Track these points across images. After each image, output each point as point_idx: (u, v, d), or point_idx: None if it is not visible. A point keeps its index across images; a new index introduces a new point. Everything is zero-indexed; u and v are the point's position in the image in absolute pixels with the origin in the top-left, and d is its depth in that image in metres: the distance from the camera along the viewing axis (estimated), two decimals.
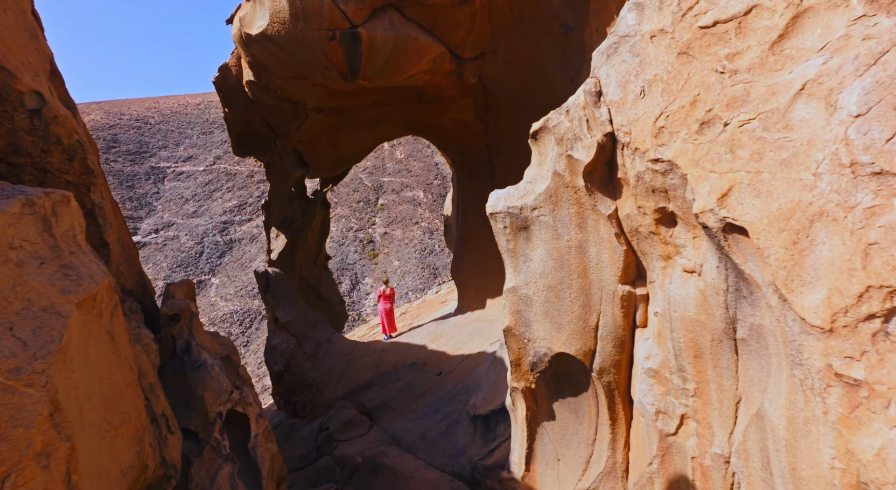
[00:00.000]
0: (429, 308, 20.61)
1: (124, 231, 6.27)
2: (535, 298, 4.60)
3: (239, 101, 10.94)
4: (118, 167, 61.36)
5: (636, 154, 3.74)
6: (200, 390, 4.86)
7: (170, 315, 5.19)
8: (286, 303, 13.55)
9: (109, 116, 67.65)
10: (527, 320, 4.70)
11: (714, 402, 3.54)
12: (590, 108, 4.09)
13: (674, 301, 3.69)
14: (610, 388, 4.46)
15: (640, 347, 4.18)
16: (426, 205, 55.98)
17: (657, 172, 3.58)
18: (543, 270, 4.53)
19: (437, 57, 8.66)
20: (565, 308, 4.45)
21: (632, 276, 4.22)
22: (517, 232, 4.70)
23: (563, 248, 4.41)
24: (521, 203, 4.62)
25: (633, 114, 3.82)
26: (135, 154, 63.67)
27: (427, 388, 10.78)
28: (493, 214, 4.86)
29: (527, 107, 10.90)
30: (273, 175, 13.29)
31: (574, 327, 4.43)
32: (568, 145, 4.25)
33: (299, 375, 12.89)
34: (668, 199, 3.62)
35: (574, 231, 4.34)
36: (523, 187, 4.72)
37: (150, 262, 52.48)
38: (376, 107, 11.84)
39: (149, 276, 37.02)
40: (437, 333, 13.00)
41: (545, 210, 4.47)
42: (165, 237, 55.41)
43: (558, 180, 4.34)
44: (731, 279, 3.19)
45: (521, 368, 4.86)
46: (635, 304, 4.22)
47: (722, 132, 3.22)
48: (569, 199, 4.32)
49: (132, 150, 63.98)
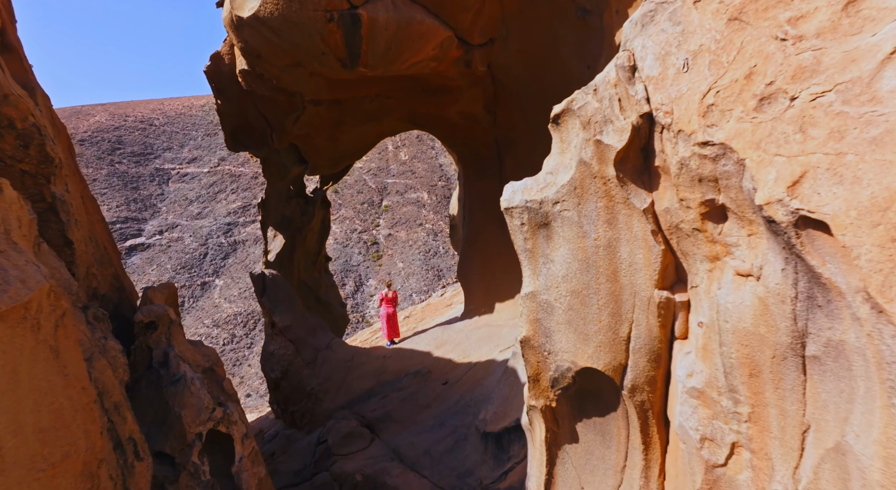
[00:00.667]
0: (434, 311, 20.15)
1: (100, 229, 5.82)
2: (557, 305, 4.12)
3: (232, 92, 10.52)
4: (123, 169, 61.86)
5: (679, 137, 3.26)
6: (178, 408, 4.41)
7: (145, 323, 4.74)
8: (284, 306, 13.13)
9: (114, 118, 68.12)
10: (547, 330, 4.22)
11: (774, 429, 3.05)
12: (622, 85, 3.61)
13: (724, 310, 3.20)
14: (643, 409, 3.97)
15: (679, 363, 3.69)
16: (430, 206, 55.96)
17: (706, 158, 3.09)
18: (567, 273, 4.05)
19: (444, 42, 8.20)
20: (592, 316, 3.97)
21: (670, 280, 3.74)
22: (536, 229, 4.23)
23: (589, 247, 3.93)
24: (541, 196, 4.15)
25: (675, 90, 3.34)
26: (139, 156, 64.15)
27: (432, 399, 10.31)
28: (508, 210, 4.39)
29: (539, 98, 10.43)
30: (270, 172, 12.87)
31: (602, 339, 3.95)
32: (596, 129, 3.77)
33: (297, 383, 12.45)
34: (719, 190, 3.13)
35: (603, 228, 3.86)
36: (543, 179, 4.25)
37: (155, 263, 52.75)
38: (378, 99, 11.39)
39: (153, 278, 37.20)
40: (443, 339, 12.54)
41: (569, 204, 3.99)
42: (170, 239, 55.78)
43: (584, 170, 3.86)
44: (801, 284, 2.70)
45: (539, 384, 4.38)
46: (674, 312, 3.73)
47: (788, 108, 2.74)
48: (596, 191, 3.84)
49: (137, 151, 64.46)
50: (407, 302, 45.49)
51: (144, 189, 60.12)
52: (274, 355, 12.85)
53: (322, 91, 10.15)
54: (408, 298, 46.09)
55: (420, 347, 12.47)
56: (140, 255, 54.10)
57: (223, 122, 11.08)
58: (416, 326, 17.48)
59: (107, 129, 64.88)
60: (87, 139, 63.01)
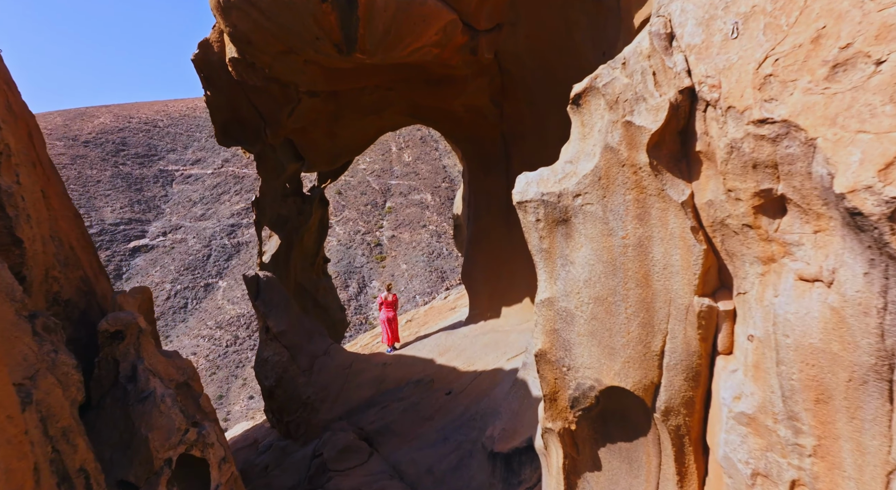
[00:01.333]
0: (437, 315, 19.68)
1: (68, 228, 5.36)
2: (579, 314, 3.65)
3: (222, 82, 10.08)
4: (127, 170, 62.49)
5: (729, 115, 2.78)
6: (145, 430, 3.95)
7: (111, 332, 4.28)
8: (279, 310, 12.68)
9: (119, 119, 68.77)
10: (566, 343, 3.75)
11: (847, 467, 2.56)
12: (658, 56, 3.14)
13: (783, 321, 2.72)
14: (678, 434, 3.49)
15: (723, 382, 3.21)
16: (434, 208, 56.01)
17: (763, 139, 2.62)
18: (589, 277, 3.57)
19: (448, 26, 7.74)
20: (619, 327, 3.49)
21: (712, 285, 3.26)
22: (554, 226, 3.76)
23: (616, 247, 3.45)
24: (560, 188, 3.68)
25: (722, 60, 2.87)
26: (143, 157, 64.88)
27: (435, 410, 9.85)
28: (521, 204, 3.92)
29: (549, 89, 9.96)
30: (265, 168, 12.43)
31: (631, 353, 3.47)
32: (625, 109, 3.29)
33: (292, 392, 12.00)
34: (778, 177, 2.66)
35: (632, 225, 3.38)
36: (562, 168, 3.77)
37: (158, 264, 53.21)
38: (378, 91, 10.94)
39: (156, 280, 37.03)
40: (447, 345, 12.07)
41: (592, 197, 3.52)
42: (173, 240, 56.32)
43: (611, 157, 3.39)
44: (892, 293, 2.22)
45: (557, 404, 3.91)
46: (716, 322, 3.26)
47: (874, 74, 2.26)
48: (625, 181, 3.37)
49: (141, 153, 65.19)
50: (410, 304, 45.33)
51: (148, 190, 60.72)
52: (268, 362, 12.40)
53: (318, 81, 9.70)
54: (411, 300, 45.96)
55: (422, 354, 12.00)
56: (144, 257, 54.50)
57: (213, 115, 10.64)
58: (418, 331, 17.03)
59: (111, 130, 65.51)
60: (91, 141, 63.59)
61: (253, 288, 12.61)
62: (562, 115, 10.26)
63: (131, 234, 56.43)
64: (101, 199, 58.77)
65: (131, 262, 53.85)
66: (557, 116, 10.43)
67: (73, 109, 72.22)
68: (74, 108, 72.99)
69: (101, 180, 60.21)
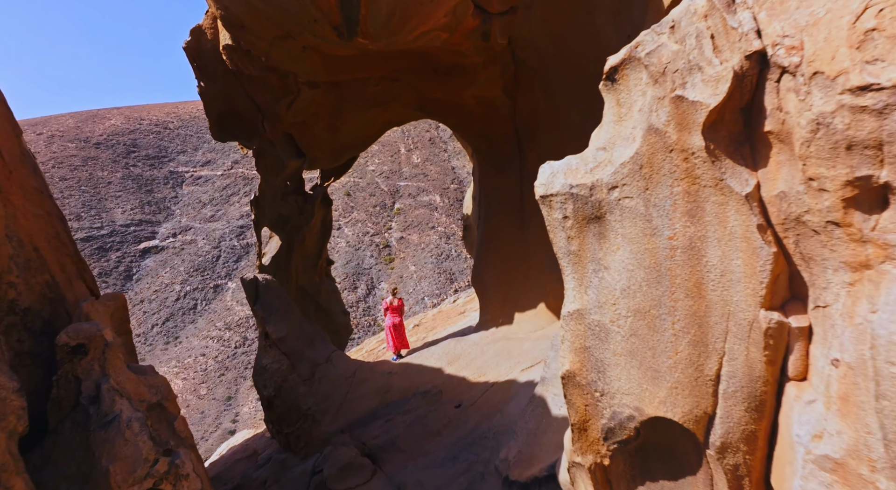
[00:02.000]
0: (445, 319, 19.15)
1: (33, 226, 4.90)
2: (615, 329, 3.12)
3: (217, 72, 9.63)
4: (137, 171, 63.54)
5: (815, 83, 2.24)
6: (106, 461, 3.46)
7: (71, 346, 3.80)
8: (278, 315, 12.22)
9: (130, 121, 70.00)
10: (600, 363, 3.21)
11: None
12: (717, 14, 2.61)
13: (886, 344, 2.18)
14: (736, 475, 2.95)
15: (797, 416, 2.67)
16: (443, 209, 56.08)
17: (864, 111, 2.08)
18: (628, 285, 3.04)
19: (458, 7, 7.23)
20: (665, 346, 2.96)
21: (781, 296, 2.72)
22: (585, 225, 3.23)
23: (661, 249, 2.92)
24: (592, 180, 3.15)
25: (804, 15, 2.33)
26: (154, 159, 66.00)
27: (443, 425, 9.33)
28: (546, 198, 3.39)
29: (567, 78, 9.43)
30: (264, 166, 11.98)
31: (679, 377, 2.94)
32: (675, 81, 2.76)
33: (292, 402, 11.53)
34: (882, 161, 2.12)
35: (682, 223, 2.85)
36: (593, 156, 3.25)
37: (168, 265, 53.96)
38: (383, 82, 10.44)
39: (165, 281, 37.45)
40: (456, 353, 11.54)
41: (632, 189, 2.99)
42: (183, 241, 57.09)
43: (655, 141, 2.86)
44: None
45: (587, 435, 3.37)
46: (787, 342, 2.71)
47: None
48: (673, 170, 2.83)
49: (151, 154, 66.34)
50: (419, 306, 45.13)
51: (158, 192, 61.63)
52: (267, 370, 11.93)
53: (318, 70, 9.22)
54: (419, 302, 45.78)
55: (430, 363, 11.48)
56: (153, 258, 55.20)
57: (207, 107, 10.18)
58: (426, 336, 16.53)
59: (122, 132, 66.56)
60: (102, 142, 64.64)
61: (251, 292, 12.15)
62: (581, 108, 9.73)
63: (141, 236, 57.40)
64: (111, 201, 59.75)
65: (141, 264, 54.54)
66: (576, 109, 9.88)
67: (85, 111, 73.44)
68: (86, 109, 74.37)
69: (111, 182, 61.19)
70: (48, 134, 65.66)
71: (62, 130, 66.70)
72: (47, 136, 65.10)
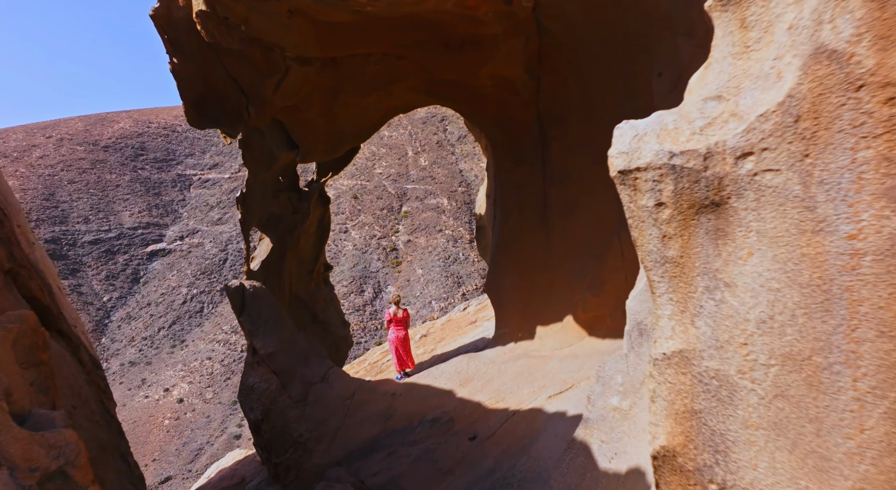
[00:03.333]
0: (455, 329, 17.51)
1: None
2: (747, 386, 1.52)
3: (192, 46, 8.07)
4: (145, 174, 63.78)
5: None
6: None
7: None
8: (267, 328, 10.64)
9: (138, 125, 70.52)
10: (720, 439, 1.60)
11: None
12: None
13: None
14: None
15: None
16: (450, 212, 55.33)
17: None
18: (771, 314, 1.46)
19: None
20: (841, 418, 1.33)
21: None
22: (692, 215, 1.64)
23: (833, 255, 1.37)
24: (706, 144, 1.59)
25: None
26: (162, 162, 66.28)
27: (455, 462, 7.71)
28: (627, 174, 1.81)
29: (602, 54, 7.81)
30: (251, 158, 10.40)
31: (869, 471, 1.29)
32: None
33: (282, 428, 9.94)
34: None
35: (874, 211, 1.22)
36: (701, 110, 1.66)
37: (175, 268, 53.82)
38: (386, 59, 8.86)
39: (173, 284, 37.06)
40: (469, 373, 9.92)
41: (779, 157, 1.40)
42: (190, 244, 56.98)
43: (827, 74, 1.26)
44: None
45: None
46: None
47: None
48: (860, 122, 1.20)
49: (159, 157, 66.66)
50: (426, 309, 43.89)
51: (166, 195, 61.63)
52: (254, 390, 10.35)
53: (309, 43, 7.65)
54: (427, 306, 44.61)
55: (439, 383, 9.87)
56: (161, 261, 54.99)
57: (181, 88, 8.60)
58: (434, 348, 14.90)
59: (130, 135, 66.69)
60: (110, 146, 64.79)
61: (237, 301, 10.58)
62: (618, 87, 8.00)
63: (149, 238, 57.70)
64: (119, 204, 60.01)
65: (149, 266, 54.41)
66: (612, 90, 8.20)
67: (93, 115, 73.90)
68: (95, 113, 75.01)
69: (120, 184, 61.32)
70: (57, 137, 65.37)
71: (71, 133, 66.72)
72: (56, 139, 64.79)
